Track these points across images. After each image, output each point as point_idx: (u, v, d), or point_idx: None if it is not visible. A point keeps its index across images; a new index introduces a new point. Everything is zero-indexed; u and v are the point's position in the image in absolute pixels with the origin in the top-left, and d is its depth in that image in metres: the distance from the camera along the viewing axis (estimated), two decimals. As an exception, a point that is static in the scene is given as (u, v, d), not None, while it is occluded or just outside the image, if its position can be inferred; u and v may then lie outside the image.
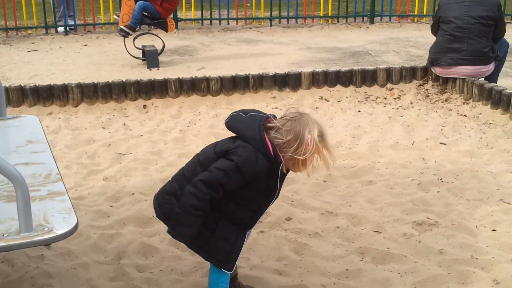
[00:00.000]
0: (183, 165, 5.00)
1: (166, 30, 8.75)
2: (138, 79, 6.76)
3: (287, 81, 7.00)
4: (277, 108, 6.56)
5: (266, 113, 2.80)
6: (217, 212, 2.74)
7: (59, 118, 6.30)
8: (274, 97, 6.90)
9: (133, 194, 4.44)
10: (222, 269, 2.80)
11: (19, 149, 3.07)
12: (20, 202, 2.08)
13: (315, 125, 2.71)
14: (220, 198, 2.65)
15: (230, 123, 2.77)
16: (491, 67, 6.75)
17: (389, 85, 7.19)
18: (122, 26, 8.33)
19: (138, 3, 8.22)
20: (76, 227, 2.17)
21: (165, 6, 8.42)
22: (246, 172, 2.62)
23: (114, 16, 8.49)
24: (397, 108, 6.64)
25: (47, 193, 2.46)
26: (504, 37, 6.93)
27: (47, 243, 2.14)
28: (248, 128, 2.70)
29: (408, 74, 7.26)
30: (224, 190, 2.63)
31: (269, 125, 2.73)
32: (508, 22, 11.51)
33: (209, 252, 2.78)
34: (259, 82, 6.94)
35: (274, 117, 2.80)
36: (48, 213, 2.26)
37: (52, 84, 6.61)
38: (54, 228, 2.14)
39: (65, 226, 2.16)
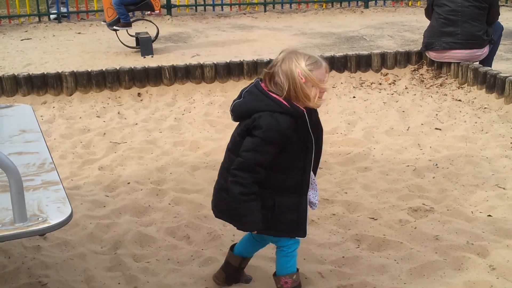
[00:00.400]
0: (179, 153, 5.04)
1: (153, 10, 8.64)
2: (132, 67, 6.73)
3: (282, 67, 6.96)
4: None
5: (253, 81, 2.79)
6: (268, 189, 2.71)
7: (54, 107, 6.28)
8: (269, 84, 6.87)
9: (128, 183, 4.44)
10: (296, 238, 2.82)
11: (13, 139, 3.06)
12: (14, 192, 2.07)
13: (301, 56, 2.64)
14: (263, 176, 2.62)
15: (238, 112, 2.73)
16: (485, 50, 6.73)
17: (384, 70, 7.18)
18: (117, 27, 8.28)
19: (113, 1, 8.11)
20: (70, 216, 2.17)
21: None
22: (275, 138, 2.59)
23: (102, 22, 8.42)
24: (392, 94, 6.63)
25: (41, 182, 2.45)
26: (498, 20, 6.90)
27: (41, 233, 2.13)
28: (253, 100, 2.67)
29: (402, 59, 7.24)
30: (264, 165, 2.60)
31: (267, 82, 2.69)
32: (502, 5, 11.49)
33: (277, 228, 2.78)
34: (254, 69, 6.92)
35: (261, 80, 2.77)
36: (42, 202, 2.25)
37: (46, 73, 6.58)
38: (49, 218, 2.13)
39: (60, 215, 2.15)
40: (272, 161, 2.64)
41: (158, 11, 8.98)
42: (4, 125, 3.34)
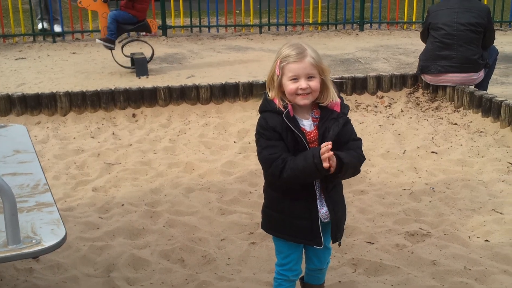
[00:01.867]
0: (173, 175, 4.99)
1: (150, 32, 8.65)
2: (127, 88, 6.71)
3: (277, 89, 6.96)
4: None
5: None
6: (280, 193, 2.70)
7: (47, 127, 6.24)
8: (264, 105, 6.86)
9: (122, 205, 4.39)
10: (315, 246, 2.74)
11: (6, 159, 3.04)
12: (7, 213, 2.04)
13: (286, 49, 2.66)
14: (282, 162, 2.56)
15: None
16: (481, 74, 6.75)
17: (379, 93, 7.18)
18: (98, 40, 8.30)
19: (109, 14, 8.15)
20: (64, 239, 2.14)
21: (138, 7, 8.29)
22: (265, 128, 2.58)
23: (97, 40, 8.51)
24: (388, 117, 6.62)
25: (35, 204, 2.44)
26: (494, 44, 6.93)
27: (35, 255, 2.11)
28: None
29: (398, 81, 7.25)
30: (275, 156, 2.54)
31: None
32: (497, 29, 11.56)
33: (294, 234, 2.71)
34: (249, 90, 6.91)
35: None
36: (36, 224, 2.23)
37: (40, 92, 6.55)
38: (42, 240, 2.11)
39: (54, 238, 2.13)
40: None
41: (154, 33, 8.98)
42: (-2, 146, 3.31)
